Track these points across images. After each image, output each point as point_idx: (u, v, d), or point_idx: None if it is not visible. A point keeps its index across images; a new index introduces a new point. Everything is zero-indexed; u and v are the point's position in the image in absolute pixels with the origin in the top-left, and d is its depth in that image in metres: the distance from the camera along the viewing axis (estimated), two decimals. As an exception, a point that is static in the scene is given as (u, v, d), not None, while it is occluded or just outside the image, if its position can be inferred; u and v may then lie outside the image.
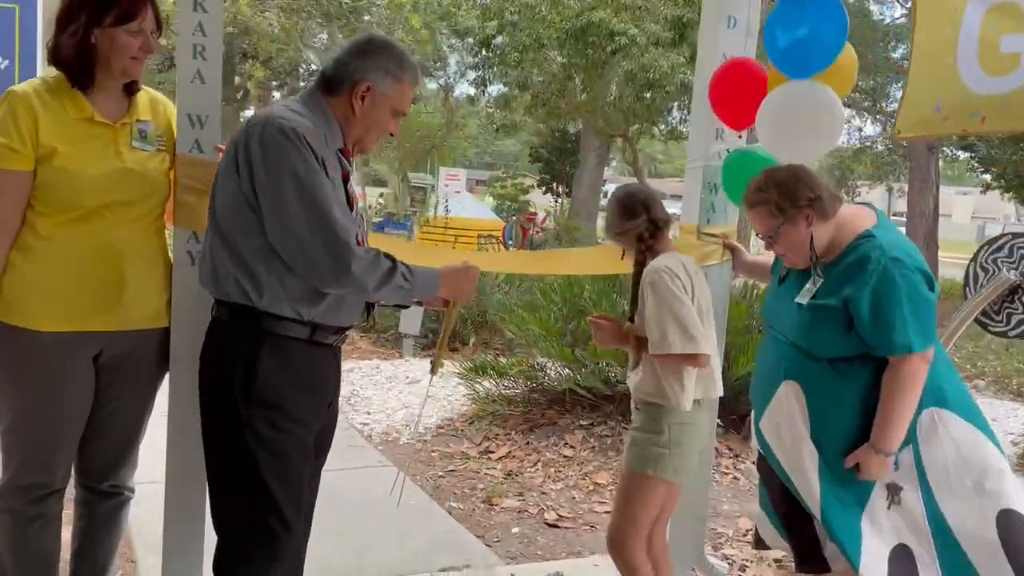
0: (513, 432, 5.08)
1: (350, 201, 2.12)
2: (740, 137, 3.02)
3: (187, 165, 2.36)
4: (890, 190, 25.61)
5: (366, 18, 13.72)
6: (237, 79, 18.31)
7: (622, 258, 2.65)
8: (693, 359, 2.43)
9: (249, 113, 20.82)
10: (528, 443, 4.91)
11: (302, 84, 15.44)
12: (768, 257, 3.06)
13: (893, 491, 2.31)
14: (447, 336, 2.41)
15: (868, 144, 22.95)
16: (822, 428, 2.34)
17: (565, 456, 4.72)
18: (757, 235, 2.48)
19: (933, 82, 2.12)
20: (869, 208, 2.44)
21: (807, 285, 2.36)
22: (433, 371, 2.41)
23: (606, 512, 4.06)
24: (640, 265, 2.55)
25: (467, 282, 2.24)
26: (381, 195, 22.16)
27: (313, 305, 2.03)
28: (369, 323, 2.33)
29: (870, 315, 2.21)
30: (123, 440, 2.41)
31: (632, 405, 2.64)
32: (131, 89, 2.31)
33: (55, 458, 2.27)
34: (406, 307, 2.52)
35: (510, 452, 4.82)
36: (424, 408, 2.43)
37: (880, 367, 2.27)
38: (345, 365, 6.58)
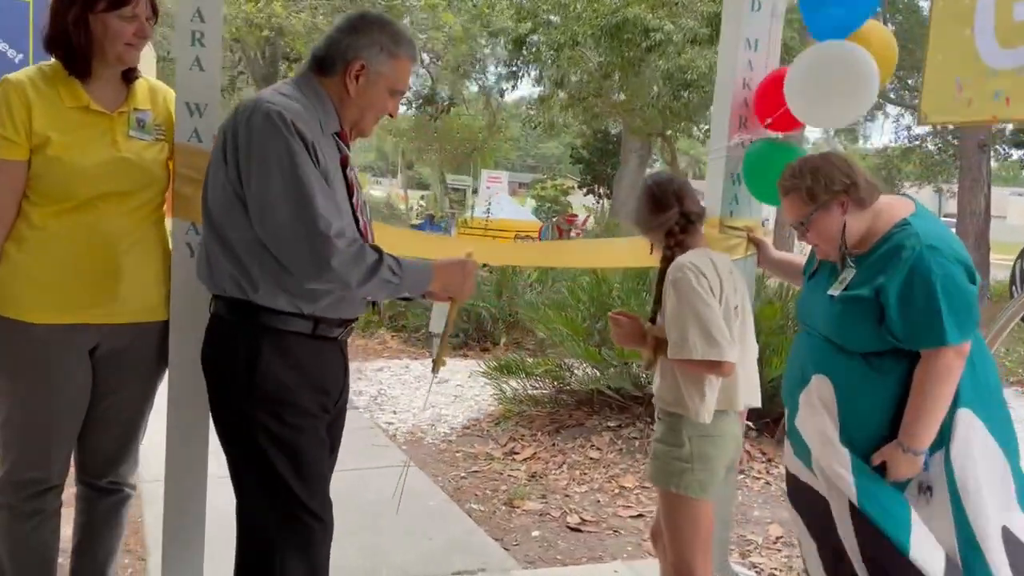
0: (539, 433, 4.97)
1: (349, 187, 2.03)
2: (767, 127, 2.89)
3: (185, 154, 2.30)
4: (939, 191, 24.96)
5: (406, 19, 13.69)
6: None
7: (651, 252, 2.49)
8: (716, 367, 2.25)
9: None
10: (554, 444, 4.80)
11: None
12: (797, 257, 2.93)
13: (924, 491, 2.18)
14: (448, 334, 2.27)
15: (917, 143, 22.44)
16: (853, 425, 2.21)
17: (591, 458, 4.61)
18: (791, 225, 2.36)
19: (951, 57, 1.98)
20: (907, 198, 2.32)
21: (840, 276, 2.25)
22: (434, 370, 2.29)
23: (631, 516, 3.94)
24: (667, 261, 2.38)
25: (463, 276, 2.11)
26: (422, 197, 22.26)
27: (313, 300, 1.95)
28: (375, 316, 2.25)
29: (901, 305, 2.09)
30: (122, 436, 2.36)
31: (656, 413, 2.51)
32: (129, 77, 2.27)
33: (51, 453, 2.23)
34: (410, 299, 2.41)
35: (535, 453, 4.72)
36: (426, 406, 2.33)
37: (915, 363, 2.14)
38: (374, 364, 6.65)
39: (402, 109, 24.64)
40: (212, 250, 1.97)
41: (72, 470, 2.36)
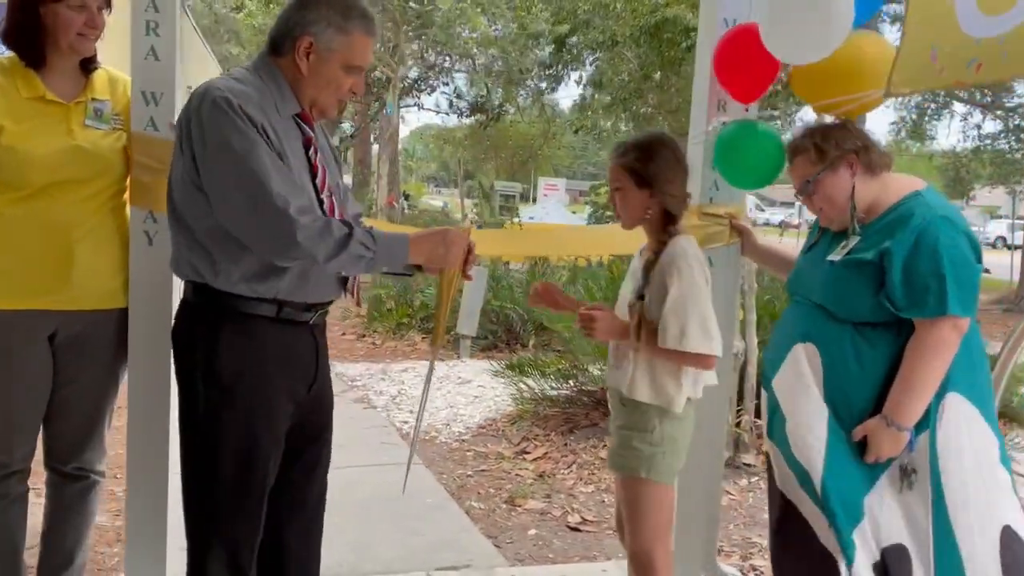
0: (553, 433, 4.91)
1: (313, 169, 2.00)
2: (747, 110, 2.79)
3: (142, 143, 2.33)
4: (1012, 192, 23.92)
5: (437, 21, 13.71)
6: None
7: (634, 226, 2.37)
8: (704, 360, 2.21)
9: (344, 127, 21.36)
10: (566, 444, 4.73)
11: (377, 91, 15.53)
12: (784, 247, 2.83)
13: (906, 474, 2.07)
14: (446, 308, 2.20)
15: (987, 142, 21.61)
16: (837, 398, 2.13)
17: (602, 458, 4.51)
18: (796, 194, 2.27)
19: (930, 27, 1.86)
20: (918, 179, 2.24)
21: (843, 243, 2.18)
22: (433, 343, 2.25)
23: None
24: (662, 244, 2.29)
25: (446, 247, 2.02)
26: (475, 205, 22.38)
27: (270, 282, 1.93)
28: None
29: (904, 269, 2.02)
30: (85, 422, 2.38)
31: (614, 400, 2.43)
32: (88, 68, 2.31)
33: (12, 438, 2.27)
34: (410, 275, 2.32)
35: (546, 453, 4.66)
36: (426, 396, 2.30)
37: (907, 339, 2.06)
38: (400, 365, 6.65)
39: (454, 119, 24.93)
40: (176, 237, 1.98)
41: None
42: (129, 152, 2.34)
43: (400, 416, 5.34)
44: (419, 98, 21.31)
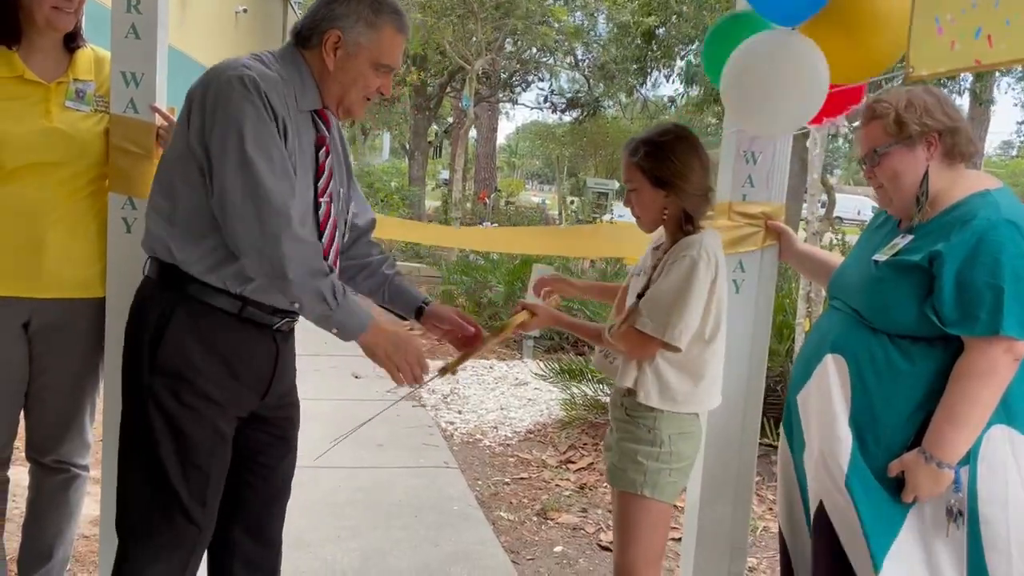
0: (602, 442, 4.65)
1: (319, 170, 1.89)
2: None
3: (121, 126, 2.23)
4: None
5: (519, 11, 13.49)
6: (429, 88, 18.94)
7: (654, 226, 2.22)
8: (645, 345, 2.04)
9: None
10: (614, 455, 4.47)
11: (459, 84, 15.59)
12: (827, 253, 2.54)
13: (952, 517, 1.79)
14: (467, 358, 2.17)
15: None
16: (864, 420, 1.87)
17: (649, 472, 4.24)
18: (860, 161, 2.01)
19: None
20: (993, 178, 1.95)
21: (893, 240, 1.91)
22: (441, 374, 2.12)
23: (672, 539, 3.57)
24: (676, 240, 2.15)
25: (395, 349, 1.86)
26: (572, 202, 22.19)
27: (241, 281, 1.81)
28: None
29: (957, 278, 1.74)
30: (63, 414, 2.31)
31: (616, 409, 2.23)
32: (71, 46, 2.23)
33: (-13, 427, 2.22)
34: (403, 318, 2.26)
35: (592, 464, 4.41)
36: (382, 411, 2.23)
37: (954, 358, 1.78)
38: (459, 363, 6.47)
39: (555, 116, 24.80)
40: (154, 211, 1.87)
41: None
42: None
43: (447, 416, 5.18)
44: (515, 93, 21.22)
